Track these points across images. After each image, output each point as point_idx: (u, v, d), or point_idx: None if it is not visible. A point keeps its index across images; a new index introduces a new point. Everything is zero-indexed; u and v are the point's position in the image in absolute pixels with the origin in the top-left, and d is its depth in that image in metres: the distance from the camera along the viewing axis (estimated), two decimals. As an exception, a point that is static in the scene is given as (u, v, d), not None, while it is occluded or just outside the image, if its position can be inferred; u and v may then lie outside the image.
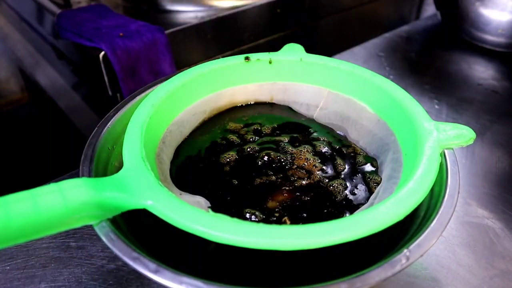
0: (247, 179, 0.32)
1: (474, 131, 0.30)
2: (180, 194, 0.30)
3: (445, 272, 0.34)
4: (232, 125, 0.38)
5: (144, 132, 0.29)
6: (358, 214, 0.24)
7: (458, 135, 0.29)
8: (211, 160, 0.34)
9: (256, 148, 0.35)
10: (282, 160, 0.34)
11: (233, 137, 0.36)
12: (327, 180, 0.32)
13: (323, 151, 0.35)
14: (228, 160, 0.34)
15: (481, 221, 0.38)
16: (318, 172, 0.33)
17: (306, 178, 0.32)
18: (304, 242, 0.22)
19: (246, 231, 0.23)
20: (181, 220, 0.23)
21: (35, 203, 0.22)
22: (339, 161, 0.34)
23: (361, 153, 0.35)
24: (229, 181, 0.32)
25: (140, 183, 0.25)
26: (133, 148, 0.28)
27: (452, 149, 0.30)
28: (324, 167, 0.34)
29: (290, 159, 0.34)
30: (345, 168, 0.34)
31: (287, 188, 0.32)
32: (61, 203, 0.23)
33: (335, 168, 0.34)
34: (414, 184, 0.25)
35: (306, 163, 0.34)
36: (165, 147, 0.33)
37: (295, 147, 0.35)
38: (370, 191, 0.32)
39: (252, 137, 0.36)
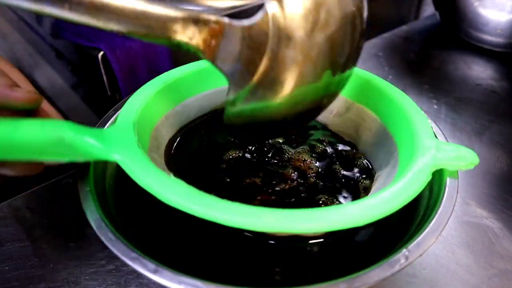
0: (238, 178, 0.33)
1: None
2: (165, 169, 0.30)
3: (444, 272, 0.34)
4: None
5: (148, 102, 0.31)
6: (326, 208, 0.24)
7: (458, 156, 0.27)
8: (208, 156, 0.34)
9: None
10: (278, 160, 0.34)
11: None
12: (313, 189, 0.32)
13: (322, 157, 0.35)
14: (226, 157, 0.34)
15: (480, 221, 0.38)
16: (311, 179, 0.33)
17: (295, 182, 0.32)
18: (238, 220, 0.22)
19: (200, 200, 0.23)
20: (141, 177, 0.24)
21: (16, 127, 0.25)
22: (336, 167, 0.34)
23: (361, 164, 0.34)
24: (222, 178, 0.32)
25: (118, 139, 0.26)
26: (129, 111, 0.29)
27: (457, 176, 0.29)
28: (318, 176, 0.33)
29: (287, 160, 0.34)
30: (338, 179, 0.33)
31: (272, 189, 0.32)
32: (39, 132, 0.25)
33: (329, 177, 0.33)
34: (388, 194, 0.24)
35: (302, 164, 0.34)
36: (167, 123, 0.34)
37: (294, 148, 0.35)
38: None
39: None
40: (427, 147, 0.28)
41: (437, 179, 0.30)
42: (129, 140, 0.27)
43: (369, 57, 0.66)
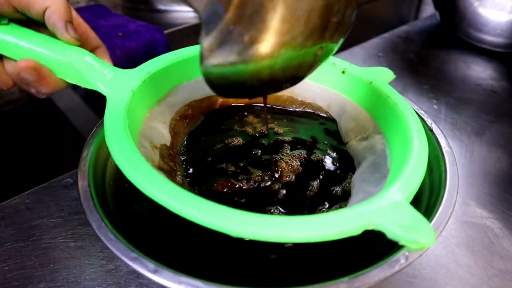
0: (215, 160, 0.33)
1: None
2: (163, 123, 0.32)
3: (444, 272, 0.34)
4: (249, 118, 0.38)
5: (167, 65, 0.33)
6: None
7: (408, 228, 0.21)
8: (210, 137, 0.35)
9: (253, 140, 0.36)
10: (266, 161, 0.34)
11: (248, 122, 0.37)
12: (269, 196, 0.31)
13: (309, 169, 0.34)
14: (222, 143, 0.35)
15: (480, 221, 0.38)
16: (275, 186, 0.32)
17: (255, 184, 0.32)
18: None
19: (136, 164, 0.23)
20: (108, 119, 0.26)
21: (44, 43, 0.30)
22: (314, 184, 0.32)
23: (336, 193, 0.32)
24: (203, 158, 0.33)
25: (120, 81, 0.29)
26: (146, 68, 0.32)
27: (410, 248, 0.22)
28: (286, 186, 0.32)
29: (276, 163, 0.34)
30: (303, 197, 0.31)
31: (240, 184, 0.31)
32: (59, 53, 0.30)
33: (296, 191, 0.32)
34: (301, 221, 0.22)
35: (284, 168, 0.33)
36: (194, 86, 0.35)
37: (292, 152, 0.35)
38: None
39: (263, 130, 0.37)
40: (386, 198, 0.23)
41: (437, 177, 0.30)
42: (129, 84, 0.29)
43: (369, 57, 0.66)
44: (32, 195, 0.38)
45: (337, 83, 0.36)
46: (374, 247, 0.29)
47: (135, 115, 0.29)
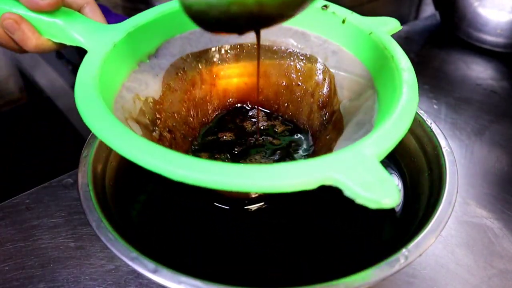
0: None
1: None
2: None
3: (443, 272, 0.34)
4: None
5: (153, 20, 0.32)
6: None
7: (367, 185, 0.19)
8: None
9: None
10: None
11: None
12: None
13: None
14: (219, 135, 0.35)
15: (480, 220, 0.38)
16: None
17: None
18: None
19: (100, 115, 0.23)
20: (83, 69, 0.26)
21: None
22: None
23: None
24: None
25: (103, 34, 0.29)
26: (133, 21, 0.31)
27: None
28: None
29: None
30: None
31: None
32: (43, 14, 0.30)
33: None
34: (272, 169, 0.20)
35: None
36: (181, 43, 0.34)
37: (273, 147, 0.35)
38: None
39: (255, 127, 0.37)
40: (347, 156, 0.21)
41: (436, 177, 0.30)
42: (112, 37, 0.29)
43: (369, 57, 0.66)
44: (32, 195, 0.38)
45: (336, 34, 0.34)
46: (374, 247, 0.29)
47: (117, 67, 0.29)
